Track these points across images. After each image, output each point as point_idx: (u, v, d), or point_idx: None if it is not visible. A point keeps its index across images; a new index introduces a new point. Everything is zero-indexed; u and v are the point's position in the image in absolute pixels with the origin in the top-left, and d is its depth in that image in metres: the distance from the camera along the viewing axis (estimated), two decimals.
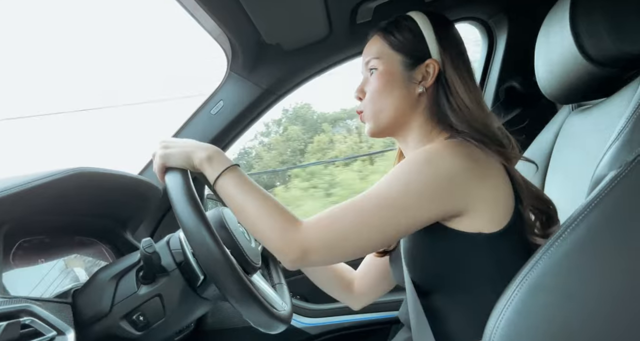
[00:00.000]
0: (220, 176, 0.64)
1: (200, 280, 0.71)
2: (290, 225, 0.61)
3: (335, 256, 0.62)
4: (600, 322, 0.51)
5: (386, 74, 0.71)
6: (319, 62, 1.16)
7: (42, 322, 0.60)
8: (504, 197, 0.63)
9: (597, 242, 0.52)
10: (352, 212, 0.60)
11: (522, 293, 0.52)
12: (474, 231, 0.61)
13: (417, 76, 0.70)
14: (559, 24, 0.74)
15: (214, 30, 0.98)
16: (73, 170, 0.75)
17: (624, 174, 0.52)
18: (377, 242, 0.61)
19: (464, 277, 0.64)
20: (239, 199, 0.63)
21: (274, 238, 0.61)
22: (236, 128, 1.17)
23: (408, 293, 0.71)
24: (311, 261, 0.60)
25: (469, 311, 0.63)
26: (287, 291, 0.86)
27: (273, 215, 0.62)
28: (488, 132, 0.65)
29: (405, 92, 0.70)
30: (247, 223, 0.64)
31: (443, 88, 0.69)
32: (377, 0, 1.01)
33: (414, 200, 0.59)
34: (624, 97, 0.72)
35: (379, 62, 0.72)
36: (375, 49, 0.73)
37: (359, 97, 0.75)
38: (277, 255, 0.61)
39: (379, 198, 0.60)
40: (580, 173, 0.72)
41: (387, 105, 0.71)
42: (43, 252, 0.81)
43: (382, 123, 0.72)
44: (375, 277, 0.88)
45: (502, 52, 1.22)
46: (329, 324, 1.23)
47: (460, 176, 0.60)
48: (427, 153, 0.62)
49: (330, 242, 0.59)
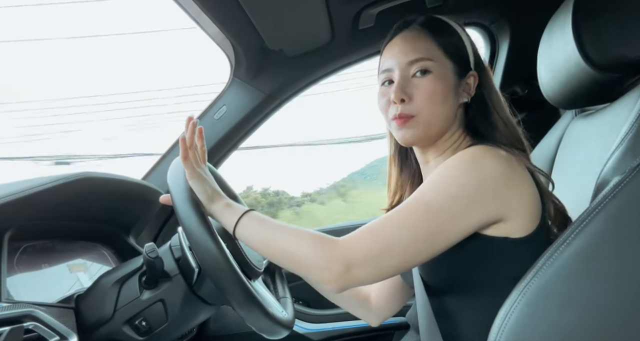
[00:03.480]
0: (240, 219, 0.63)
1: (196, 273, 0.71)
2: (325, 242, 0.58)
3: (381, 271, 0.57)
4: (604, 326, 0.51)
5: (443, 80, 0.65)
6: (322, 67, 1.17)
7: (45, 327, 0.60)
8: (533, 204, 0.62)
9: (601, 247, 0.52)
10: (397, 222, 0.57)
11: (527, 297, 0.52)
12: (502, 236, 0.60)
13: (463, 86, 0.68)
14: (561, 30, 0.74)
15: (217, 36, 0.98)
16: (77, 175, 0.75)
17: (628, 180, 0.52)
18: (424, 253, 0.57)
19: (481, 280, 0.63)
20: (263, 235, 0.61)
21: (310, 257, 0.57)
22: (239, 133, 1.17)
23: (417, 295, 0.71)
24: (356, 278, 0.56)
25: (481, 315, 0.62)
26: (292, 305, 0.85)
27: (303, 236, 0.59)
28: (521, 143, 0.66)
29: (455, 101, 0.67)
30: (278, 256, 0.61)
31: (479, 102, 0.68)
32: (380, 6, 1.02)
33: (460, 206, 0.56)
34: (627, 102, 0.72)
35: (433, 64, 0.65)
36: (425, 49, 0.66)
37: (402, 98, 0.65)
38: (319, 273, 0.57)
39: (424, 207, 0.57)
40: (583, 178, 0.72)
41: (441, 112, 0.66)
42: (47, 257, 0.82)
43: (431, 132, 0.67)
44: (391, 288, 0.85)
45: (504, 57, 1.22)
46: (331, 330, 1.22)
47: (502, 180, 0.58)
48: (467, 158, 0.59)
49: (375, 255, 0.56)
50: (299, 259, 0.58)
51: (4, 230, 0.68)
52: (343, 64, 1.18)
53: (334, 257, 0.56)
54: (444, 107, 0.66)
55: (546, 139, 0.97)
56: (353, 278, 0.56)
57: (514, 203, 0.59)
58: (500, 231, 0.60)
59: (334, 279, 0.56)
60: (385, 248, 0.56)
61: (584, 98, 0.79)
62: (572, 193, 0.72)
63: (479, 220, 0.58)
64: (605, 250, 0.52)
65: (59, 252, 0.86)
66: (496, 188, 0.58)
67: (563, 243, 0.52)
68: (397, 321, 1.18)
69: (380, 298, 0.86)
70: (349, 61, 1.18)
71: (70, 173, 0.75)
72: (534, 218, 0.61)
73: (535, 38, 0.86)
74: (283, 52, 1.10)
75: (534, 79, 0.88)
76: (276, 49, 1.08)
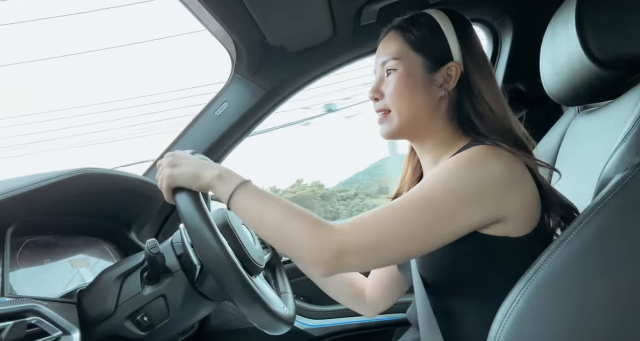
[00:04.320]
0: (234, 191, 0.61)
1: (198, 270, 0.71)
2: (321, 225, 0.57)
3: (373, 261, 0.58)
4: (605, 324, 0.51)
5: (407, 77, 0.67)
6: (323, 64, 1.17)
7: (48, 322, 0.61)
8: (534, 203, 0.61)
9: (604, 244, 0.52)
10: (395, 216, 0.57)
11: (528, 295, 0.52)
12: (502, 235, 0.60)
13: (439, 79, 0.67)
14: (564, 26, 0.73)
15: (219, 33, 0.98)
16: (79, 171, 0.75)
17: (631, 177, 0.52)
18: (418, 248, 0.57)
19: (481, 279, 0.63)
20: (258, 210, 0.59)
21: (305, 239, 0.56)
22: (241, 130, 1.17)
23: (417, 293, 0.71)
24: (347, 264, 0.56)
25: (481, 313, 0.62)
26: (293, 300, 0.85)
27: (300, 218, 0.58)
28: (515, 138, 0.64)
29: (426, 95, 0.67)
30: (271, 233, 0.59)
31: (467, 93, 0.66)
32: (382, 2, 1.01)
33: (459, 205, 0.56)
34: (630, 99, 0.72)
35: (398, 63, 0.68)
36: (394, 49, 0.69)
37: (376, 97, 0.71)
38: (310, 256, 0.56)
39: (424, 203, 0.57)
40: (586, 176, 0.72)
41: (407, 108, 0.68)
42: (49, 252, 0.82)
43: (401, 126, 0.69)
44: (387, 282, 0.86)
45: (507, 54, 1.21)
46: (332, 326, 1.22)
47: (503, 181, 0.58)
48: (470, 158, 0.59)
49: (370, 244, 0.55)
50: (293, 239, 0.57)
51: (6, 226, 0.69)
52: (345, 60, 1.18)
53: (329, 242, 0.55)
54: (412, 101, 0.68)
55: (549, 136, 0.97)
56: (344, 265, 0.56)
57: (515, 204, 0.59)
58: (500, 231, 0.60)
59: (324, 263, 0.55)
60: (382, 241, 0.56)
61: (587, 96, 0.79)
62: (575, 190, 0.71)
63: (479, 220, 0.58)
64: (607, 248, 0.52)
65: (62, 247, 0.86)
66: (497, 189, 0.58)
67: (564, 241, 0.52)
68: (398, 318, 1.19)
69: (375, 291, 0.87)
70: (351, 58, 1.17)
71: (72, 169, 0.75)
72: (534, 218, 0.61)
73: (538, 35, 0.85)
74: (284, 49, 1.09)
75: (537, 76, 0.87)
76: (278, 45, 1.08)
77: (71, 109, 7.35)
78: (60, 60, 10.91)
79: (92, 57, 13.38)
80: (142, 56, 12.93)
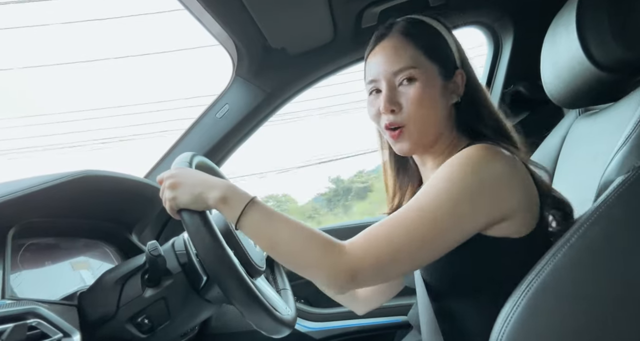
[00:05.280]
0: (241, 216, 0.59)
1: (204, 281, 0.71)
2: (333, 248, 0.57)
3: (386, 275, 0.58)
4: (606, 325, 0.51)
5: (429, 85, 0.65)
6: (324, 66, 1.17)
7: (48, 324, 0.61)
8: (533, 203, 0.62)
9: (605, 246, 0.52)
10: (400, 227, 0.57)
11: (529, 297, 0.52)
12: (502, 236, 0.60)
13: (452, 87, 0.68)
14: (565, 29, 0.73)
15: (220, 35, 0.98)
16: (79, 173, 0.75)
17: (632, 179, 0.52)
18: (428, 258, 0.58)
19: (482, 281, 0.63)
20: (268, 233, 0.59)
21: (318, 265, 0.57)
22: (241, 132, 1.17)
23: (419, 295, 0.71)
24: (360, 283, 0.57)
25: (482, 314, 0.62)
26: (292, 296, 0.85)
27: (311, 240, 0.58)
28: (511, 138, 0.66)
29: (444, 104, 0.67)
30: (284, 256, 0.59)
31: (470, 99, 0.67)
32: (383, 4, 1.02)
33: (465, 210, 0.56)
34: (631, 102, 0.72)
35: (417, 72, 0.65)
36: (408, 57, 0.65)
37: (393, 109, 0.65)
38: (325, 281, 0.57)
39: (429, 214, 0.56)
40: (587, 178, 0.72)
41: (431, 117, 0.66)
42: (50, 254, 0.82)
43: (426, 138, 0.67)
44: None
45: (507, 56, 1.22)
46: (333, 328, 1.22)
47: (503, 180, 0.58)
48: (470, 157, 0.59)
49: (380, 260, 0.56)
50: (304, 265, 0.58)
51: (7, 228, 0.69)
52: (345, 62, 1.18)
53: (341, 264, 0.56)
54: (434, 111, 0.66)
55: (549, 138, 0.97)
56: (357, 285, 0.57)
57: (515, 203, 0.59)
58: (501, 231, 0.60)
59: (339, 286, 0.57)
60: (392, 256, 0.56)
61: (587, 98, 0.79)
62: (575, 192, 0.71)
63: (483, 221, 0.58)
64: (608, 249, 0.52)
65: (62, 249, 0.86)
66: (497, 188, 0.58)
67: (566, 243, 0.52)
68: (398, 320, 1.18)
69: (369, 289, 0.87)
70: (352, 60, 1.17)
71: (73, 171, 0.75)
72: (534, 218, 0.61)
73: (539, 37, 0.85)
74: (285, 51, 1.10)
75: (537, 78, 0.87)
76: (278, 47, 1.08)
77: (78, 112, 7.37)
78: (63, 66, 11.08)
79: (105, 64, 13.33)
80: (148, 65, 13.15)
